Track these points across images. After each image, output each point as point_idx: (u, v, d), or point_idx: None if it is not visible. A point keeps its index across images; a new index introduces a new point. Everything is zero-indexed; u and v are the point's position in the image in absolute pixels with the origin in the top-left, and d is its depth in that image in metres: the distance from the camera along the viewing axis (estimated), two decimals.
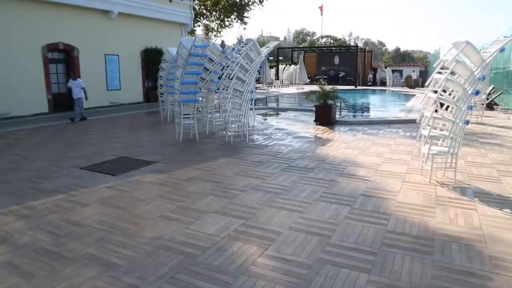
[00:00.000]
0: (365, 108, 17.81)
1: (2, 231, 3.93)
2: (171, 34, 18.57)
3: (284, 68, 35.31)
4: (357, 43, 62.85)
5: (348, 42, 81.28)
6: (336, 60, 38.08)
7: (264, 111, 14.53)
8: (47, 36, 13.44)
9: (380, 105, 19.31)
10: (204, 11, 28.16)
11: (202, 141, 8.76)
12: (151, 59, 16.86)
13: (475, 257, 3.36)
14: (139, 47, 16.93)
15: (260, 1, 27.99)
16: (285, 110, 14.95)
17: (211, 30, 28.88)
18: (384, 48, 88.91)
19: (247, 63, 8.65)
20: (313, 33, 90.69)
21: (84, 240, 3.72)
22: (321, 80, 24.24)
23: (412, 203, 4.67)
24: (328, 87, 11.26)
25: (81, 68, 14.50)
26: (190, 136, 9.03)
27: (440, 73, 5.72)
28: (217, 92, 10.79)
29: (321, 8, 48.89)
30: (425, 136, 5.73)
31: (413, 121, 10.98)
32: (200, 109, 10.11)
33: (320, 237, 3.73)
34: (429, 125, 5.54)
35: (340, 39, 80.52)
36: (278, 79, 32.33)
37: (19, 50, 12.64)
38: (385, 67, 36.95)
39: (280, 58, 39.71)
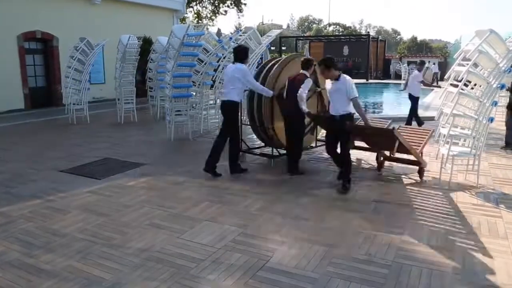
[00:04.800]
0: (377, 104, 17.81)
1: None
2: (161, 22, 18.56)
3: None
4: (368, 32, 63.01)
5: (358, 31, 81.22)
6: (345, 50, 38.05)
7: None
8: (23, 24, 13.42)
9: (394, 101, 19.31)
10: None
11: (196, 140, 8.75)
12: (139, 50, 16.84)
13: (500, 269, 3.35)
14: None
15: None
16: None
17: (203, 17, 28.82)
18: (399, 37, 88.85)
19: None
20: (320, 21, 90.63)
21: (64, 251, 3.71)
22: None
23: (430, 210, 4.66)
24: None
25: (61, 59, 14.49)
26: (182, 135, 9.02)
27: (461, 65, 5.72)
28: (212, 86, 10.79)
29: None
30: (444, 135, 5.73)
31: (431, 119, 10.99)
32: (194, 105, 10.10)
33: (328, 248, 3.73)
34: (448, 123, 5.54)
35: (350, 27, 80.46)
36: None
37: None
38: (400, 59, 36.97)
39: (283, 48, 39.72)
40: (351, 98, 5.21)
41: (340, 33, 66.94)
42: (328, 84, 5.44)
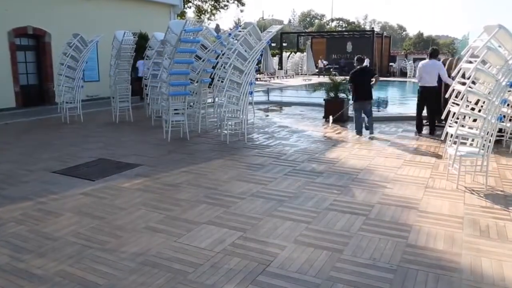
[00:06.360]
0: (382, 103, 17.82)
1: None
2: (158, 17, 18.58)
3: (289, 56, 35.33)
4: (373, 27, 63.01)
5: (362, 26, 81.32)
6: (349, 47, 38.12)
7: (265, 106, 14.54)
8: (14, 20, 13.43)
9: (400, 99, 19.33)
10: None
11: (194, 140, 8.76)
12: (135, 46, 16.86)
13: (509, 274, 3.35)
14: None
15: None
16: (289, 104, 14.98)
17: (204, 12, 28.90)
18: (404, 33, 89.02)
19: (245, 51, 8.64)
20: (322, 16, 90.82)
21: (56, 255, 3.71)
22: (331, 70, 24.32)
23: (436, 213, 4.66)
24: (339, 78, 11.28)
25: (53, 56, 14.48)
26: (179, 134, 9.03)
27: (469, 62, 5.72)
28: (211, 84, 10.79)
29: None
30: (451, 135, 5.72)
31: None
32: (192, 103, 10.10)
33: (330, 252, 3.73)
34: (456, 122, 5.54)
35: (354, 23, 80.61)
36: (281, 69, 32.37)
37: None
38: (406, 55, 36.99)
39: (284, 44, 39.77)
40: None
41: (343, 29, 66.99)
42: None
